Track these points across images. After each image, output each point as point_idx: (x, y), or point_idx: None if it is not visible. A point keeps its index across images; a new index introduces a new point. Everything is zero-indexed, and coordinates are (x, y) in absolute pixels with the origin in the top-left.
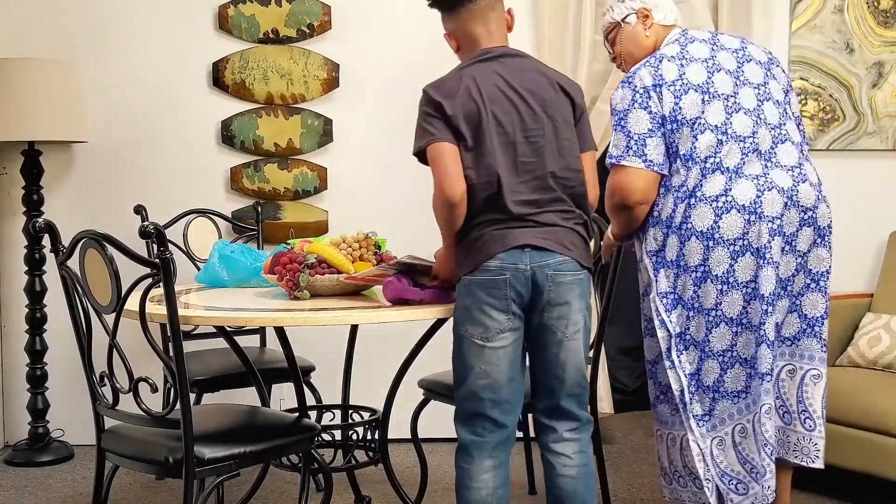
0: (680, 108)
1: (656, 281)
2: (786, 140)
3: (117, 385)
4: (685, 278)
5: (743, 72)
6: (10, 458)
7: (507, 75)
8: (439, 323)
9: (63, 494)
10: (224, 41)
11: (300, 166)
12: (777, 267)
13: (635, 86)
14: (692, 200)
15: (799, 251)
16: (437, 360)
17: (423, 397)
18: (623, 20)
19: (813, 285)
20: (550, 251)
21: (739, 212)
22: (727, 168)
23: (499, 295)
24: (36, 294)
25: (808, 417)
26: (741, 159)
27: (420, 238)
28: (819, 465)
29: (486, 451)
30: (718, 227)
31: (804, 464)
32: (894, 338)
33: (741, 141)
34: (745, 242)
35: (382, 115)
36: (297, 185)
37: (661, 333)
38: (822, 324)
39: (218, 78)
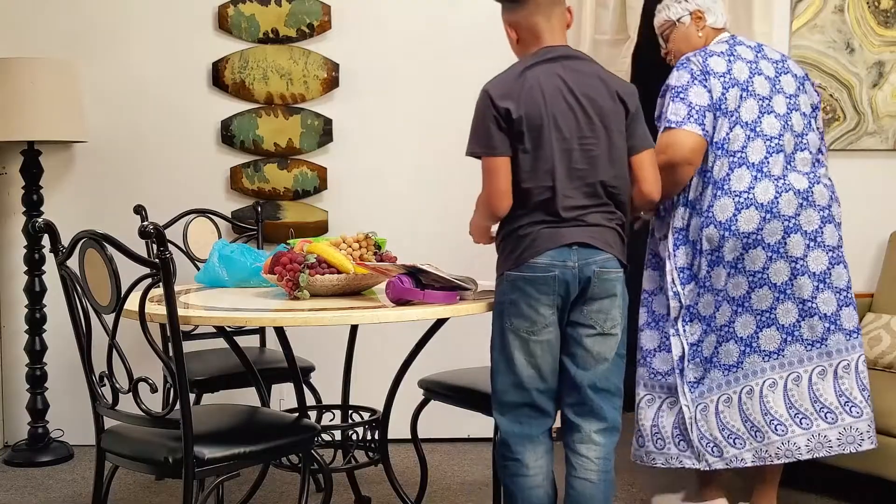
0: (725, 98)
1: (674, 255)
2: (805, 148)
3: (117, 385)
4: (700, 259)
5: (779, 81)
6: (9, 459)
7: (568, 80)
8: (439, 323)
9: (63, 495)
10: (224, 41)
11: (300, 166)
12: (795, 262)
13: (692, 69)
14: (718, 192)
15: (829, 246)
16: (437, 360)
17: (423, 397)
18: (678, 20)
19: (851, 278)
20: (597, 248)
21: (758, 209)
22: (752, 164)
23: (547, 291)
24: (35, 294)
25: (853, 406)
26: (765, 157)
27: (420, 237)
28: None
29: (536, 438)
30: (736, 220)
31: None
32: (895, 338)
33: (768, 140)
34: (759, 237)
35: (382, 114)
36: (296, 185)
37: (672, 303)
38: None
39: (218, 78)
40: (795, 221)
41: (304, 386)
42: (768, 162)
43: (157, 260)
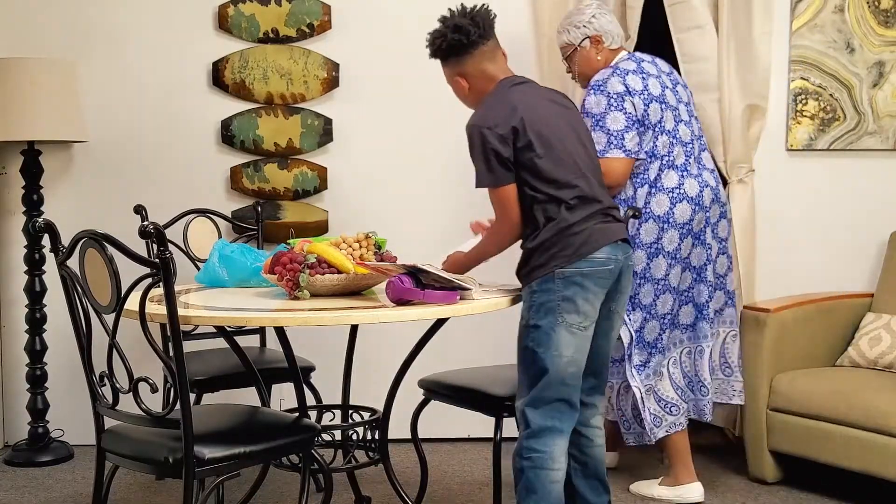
0: (647, 114)
1: None
2: (705, 149)
3: (117, 385)
4: (640, 252)
5: (677, 91)
6: (9, 459)
7: (539, 93)
8: (439, 323)
9: (63, 494)
10: (224, 41)
11: (300, 166)
12: (709, 249)
13: (609, 92)
14: (653, 190)
15: (720, 237)
16: (437, 360)
17: (423, 397)
18: (579, 44)
19: (731, 265)
20: (629, 244)
21: (689, 202)
22: (677, 166)
23: (603, 284)
24: (36, 294)
25: (727, 367)
26: (685, 160)
27: (420, 237)
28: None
29: (564, 434)
30: (673, 213)
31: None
32: (895, 338)
33: (684, 146)
34: (690, 227)
35: (382, 114)
36: (297, 184)
37: None
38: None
39: (218, 77)
40: (709, 213)
41: (304, 386)
42: (689, 163)
43: (157, 260)
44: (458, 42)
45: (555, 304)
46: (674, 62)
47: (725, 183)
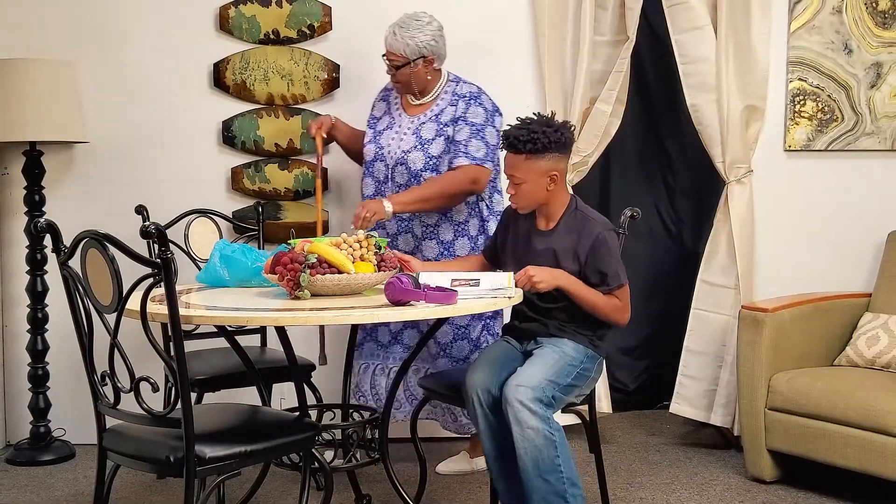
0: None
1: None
2: None
3: (118, 384)
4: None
5: None
6: (11, 458)
7: None
8: (439, 323)
9: (64, 493)
10: (225, 42)
11: (301, 166)
12: None
13: (486, 106)
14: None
15: None
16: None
17: (422, 397)
18: (412, 61)
19: None
20: None
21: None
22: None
23: None
24: (37, 294)
25: None
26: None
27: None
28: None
29: None
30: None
31: None
32: (892, 337)
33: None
34: None
35: None
36: (297, 185)
37: None
38: None
39: (219, 78)
40: None
41: (304, 385)
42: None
43: (158, 260)
44: (570, 139)
45: (596, 374)
46: (673, 63)
47: (724, 183)
